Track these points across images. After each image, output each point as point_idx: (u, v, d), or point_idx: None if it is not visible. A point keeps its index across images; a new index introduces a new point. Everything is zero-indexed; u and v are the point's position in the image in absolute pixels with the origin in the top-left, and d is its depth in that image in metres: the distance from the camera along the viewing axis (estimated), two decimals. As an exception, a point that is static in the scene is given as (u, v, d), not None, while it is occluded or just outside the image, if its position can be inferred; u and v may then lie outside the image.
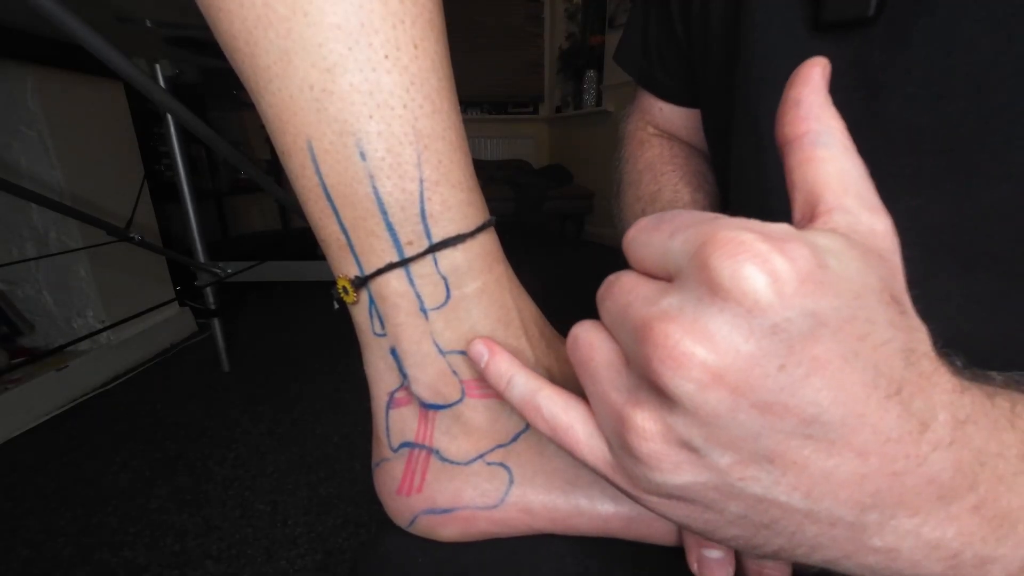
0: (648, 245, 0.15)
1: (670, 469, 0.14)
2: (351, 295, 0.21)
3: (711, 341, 0.12)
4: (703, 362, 0.12)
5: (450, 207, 0.20)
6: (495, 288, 0.22)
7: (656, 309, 0.13)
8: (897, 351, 0.13)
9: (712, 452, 0.13)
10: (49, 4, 0.58)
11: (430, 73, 0.19)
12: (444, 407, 0.23)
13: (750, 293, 0.12)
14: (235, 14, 0.18)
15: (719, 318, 0.12)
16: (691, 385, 0.12)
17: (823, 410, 0.12)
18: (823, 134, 0.15)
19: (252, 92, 0.20)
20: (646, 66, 0.42)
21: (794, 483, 0.13)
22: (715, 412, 0.13)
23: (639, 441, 0.14)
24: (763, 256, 0.12)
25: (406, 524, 0.24)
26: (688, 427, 0.13)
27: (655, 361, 0.13)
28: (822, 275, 0.12)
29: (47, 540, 0.86)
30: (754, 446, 0.13)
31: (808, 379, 0.12)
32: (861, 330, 0.12)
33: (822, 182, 0.15)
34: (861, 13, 0.23)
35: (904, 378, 0.13)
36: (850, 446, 0.13)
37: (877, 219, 0.14)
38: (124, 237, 1.09)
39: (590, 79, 3.17)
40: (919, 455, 0.13)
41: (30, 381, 1.20)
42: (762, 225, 0.13)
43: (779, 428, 0.13)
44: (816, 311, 0.12)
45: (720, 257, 0.12)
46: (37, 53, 1.19)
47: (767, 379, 0.12)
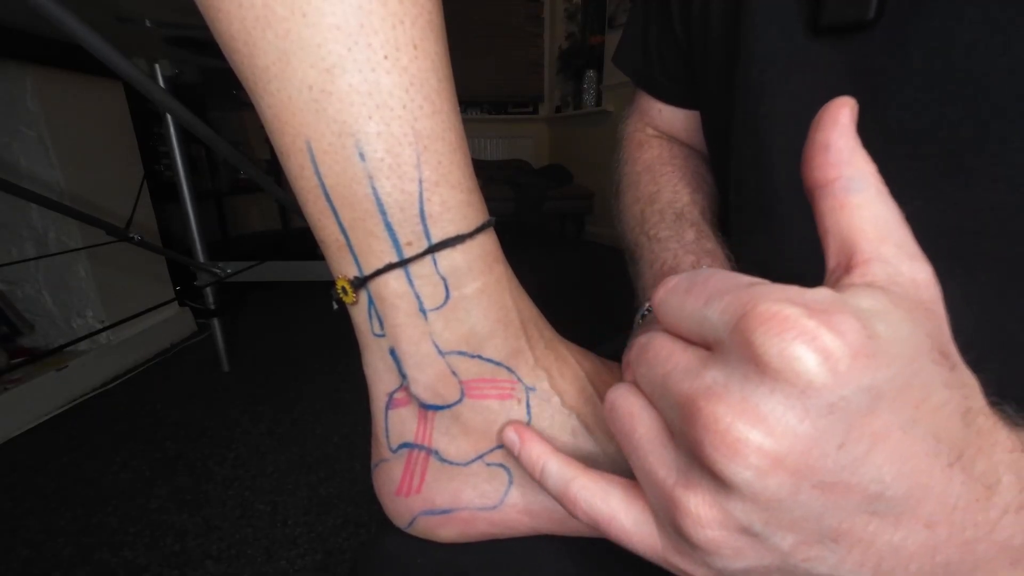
0: (681, 310, 0.15)
1: (731, 555, 0.14)
2: (350, 296, 0.21)
3: (765, 424, 0.12)
4: (759, 447, 0.12)
5: (449, 208, 0.20)
6: (495, 289, 0.22)
7: (700, 385, 0.13)
8: (955, 412, 0.12)
9: (774, 536, 0.13)
10: (49, 4, 0.58)
11: (429, 74, 0.19)
12: (443, 408, 0.23)
13: (803, 374, 0.11)
14: (234, 15, 0.18)
15: (771, 399, 0.12)
16: (749, 472, 0.12)
17: (887, 485, 0.12)
18: (856, 179, 0.15)
19: (251, 92, 0.20)
20: (645, 68, 0.42)
21: (861, 560, 0.13)
22: (776, 497, 0.12)
23: (695, 528, 0.14)
24: (811, 333, 0.11)
25: (405, 525, 0.24)
26: (747, 513, 0.13)
27: (707, 446, 0.12)
28: (873, 346, 0.11)
29: (47, 540, 0.86)
30: (817, 526, 0.13)
31: (869, 455, 0.12)
32: (918, 396, 0.12)
33: (857, 229, 0.14)
34: (860, 16, 0.23)
35: (965, 441, 0.12)
36: (917, 518, 0.12)
37: (918, 268, 0.14)
38: (124, 237, 1.09)
39: (590, 79, 3.16)
40: (989, 521, 0.12)
41: (30, 381, 1.20)
42: (801, 294, 0.12)
43: (842, 506, 0.12)
44: (872, 385, 0.11)
45: (765, 335, 0.12)
46: (37, 53, 1.19)
47: (827, 459, 0.12)
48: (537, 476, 0.20)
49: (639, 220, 0.39)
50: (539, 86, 3.83)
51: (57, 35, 1.09)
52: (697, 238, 0.34)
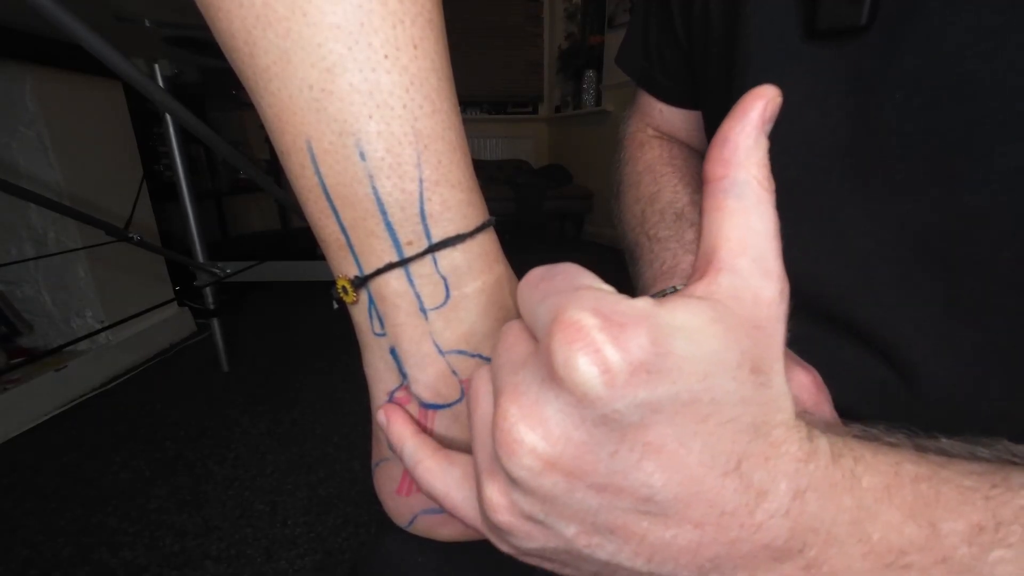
0: (525, 303, 0.15)
1: (523, 537, 0.15)
2: (351, 295, 0.21)
3: (544, 427, 0.13)
4: (533, 449, 0.13)
5: (450, 207, 0.20)
6: (495, 288, 0.22)
7: (511, 382, 0.14)
8: (744, 427, 0.13)
9: (556, 524, 0.14)
10: (48, 4, 0.58)
11: (430, 73, 0.19)
12: (444, 407, 0.23)
13: (580, 384, 0.12)
14: (234, 14, 0.18)
15: (554, 404, 0.13)
16: (524, 471, 0.13)
17: (656, 491, 0.13)
18: (739, 184, 0.15)
19: (251, 92, 0.20)
20: (647, 68, 0.42)
21: (636, 551, 0.14)
22: (551, 493, 0.13)
23: (490, 511, 0.15)
24: (595, 346, 0.12)
25: (405, 524, 0.24)
26: (530, 504, 0.14)
27: (497, 443, 0.14)
28: (658, 363, 0.12)
29: (46, 540, 0.86)
30: (594, 519, 0.14)
31: (640, 463, 0.13)
32: (703, 411, 0.13)
33: (723, 236, 0.15)
34: (854, 22, 0.24)
35: (747, 452, 0.13)
36: (687, 519, 0.13)
37: (767, 285, 0.14)
38: (123, 237, 1.09)
39: (589, 79, 3.17)
40: (754, 524, 0.13)
41: (29, 381, 1.20)
42: (614, 303, 0.13)
43: (616, 505, 0.13)
44: (648, 400, 0.12)
45: (559, 342, 0.12)
46: (36, 53, 1.19)
47: (600, 464, 0.13)
48: (399, 456, 0.21)
49: (639, 220, 0.39)
50: (539, 86, 3.83)
51: (57, 35, 1.09)
52: (697, 238, 0.34)
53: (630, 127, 0.46)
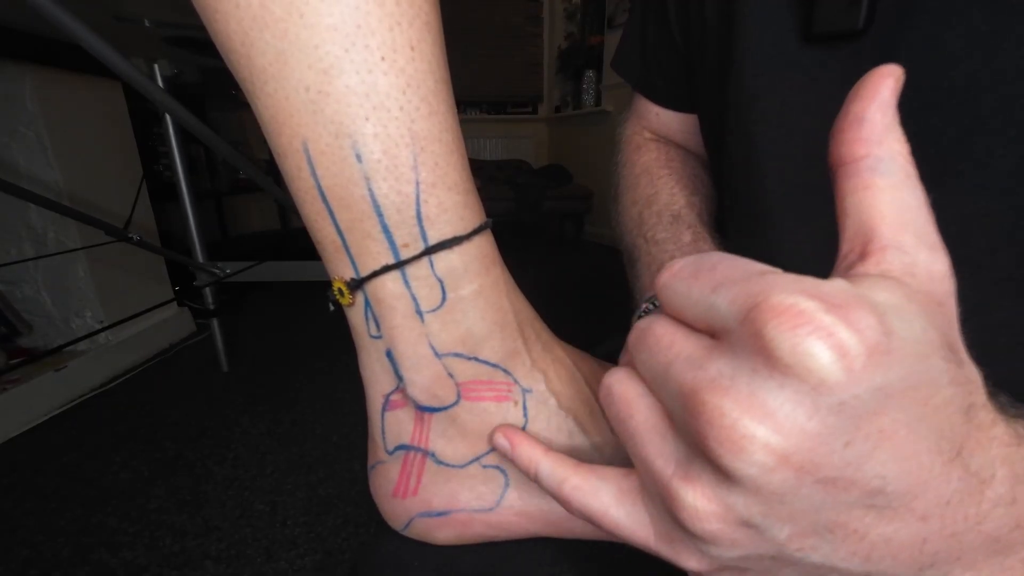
0: (687, 297, 0.14)
1: (727, 545, 0.14)
2: (347, 297, 0.21)
3: (773, 420, 0.12)
4: (766, 444, 0.12)
5: (446, 209, 0.20)
6: (492, 291, 0.22)
7: (705, 376, 0.13)
8: (958, 409, 0.12)
9: (772, 527, 0.13)
10: (47, 4, 0.58)
11: (427, 75, 0.19)
12: (440, 409, 0.22)
13: (816, 371, 0.11)
14: (231, 15, 0.18)
15: (780, 394, 0.12)
16: (755, 469, 0.12)
17: (888, 481, 0.12)
18: (884, 160, 0.14)
19: (248, 93, 0.20)
20: (644, 71, 0.42)
21: (853, 550, 0.13)
22: (779, 492, 0.12)
23: (694, 520, 0.14)
24: (828, 329, 0.11)
25: (402, 527, 0.24)
26: (748, 506, 0.13)
27: (711, 440, 0.12)
28: (889, 344, 0.11)
29: (46, 540, 0.86)
30: (815, 518, 0.13)
31: (874, 453, 0.12)
32: (925, 394, 0.12)
33: (878, 214, 0.14)
34: (851, 25, 0.24)
35: (965, 436, 0.13)
36: (912, 512, 0.12)
37: (936, 259, 0.14)
38: (123, 237, 1.09)
39: (589, 79, 3.16)
40: (979, 514, 0.13)
41: (29, 381, 1.20)
42: (817, 286, 0.12)
43: (842, 500, 0.12)
44: (884, 384, 0.11)
45: (778, 328, 0.11)
46: (35, 53, 1.19)
47: (833, 456, 0.12)
48: (532, 478, 0.20)
49: (637, 222, 0.39)
50: (538, 86, 3.82)
51: (56, 35, 1.09)
52: (694, 240, 0.34)
53: (627, 130, 0.46)
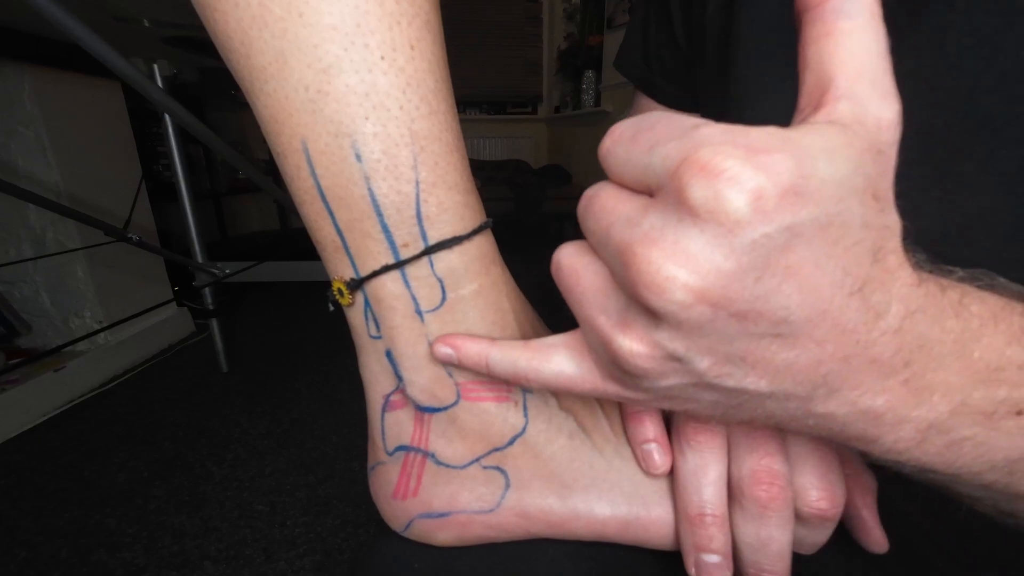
0: (627, 160, 0.15)
1: (657, 376, 0.16)
2: (346, 297, 0.21)
3: (693, 262, 0.13)
4: (685, 284, 0.13)
5: (446, 209, 0.20)
6: (491, 291, 0.22)
7: (639, 231, 0.14)
8: (867, 250, 0.13)
9: (694, 359, 0.15)
10: (47, 3, 0.58)
11: (427, 74, 0.19)
12: (439, 410, 0.22)
13: (731, 213, 0.12)
14: (230, 14, 0.18)
15: (700, 239, 0.13)
16: (675, 306, 0.13)
17: (791, 311, 0.13)
18: (849, 1, 0.14)
19: (247, 93, 0.20)
20: (646, 71, 0.42)
21: (760, 374, 0.15)
22: (697, 324, 0.14)
23: (629, 360, 0.15)
24: (743, 177, 0.12)
25: (402, 528, 0.24)
26: (672, 340, 0.14)
27: (640, 286, 0.14)
28: (804, 185, 0.12)
29: (45, 541, 0.86)
30: (728, 348, 0.14)
31: (781, 287, 0.13)
32: (835, 235, 0.13)
33: (837, 63, 0.14)
34: None
35: (868, 275, 0.14)
36: (811, 338, 0.14)
37: (886, 107, 0.14)
38: (122, 237, 1.09)
39: (589, 79, 3.16)
40: (868, 340, 0.14)
41: (28, 382, 1.20)
42: (745, 133, 0.13)
43: (751, 331, 0.14)
44: (794, 224, 0.12)
45: (698, 180, 0.12)
46: (34, 53, 1.18)
47: (745, 291, 0.13)
48: (485, 370, 0.20)
49: None
50: (538, 86, 3.82)
51: (55, 35, 1.09)
52: None
53: None
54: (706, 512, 0.20)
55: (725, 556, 0.20)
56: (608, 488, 0.22)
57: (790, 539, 0.20)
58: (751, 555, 0.20)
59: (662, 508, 0.22)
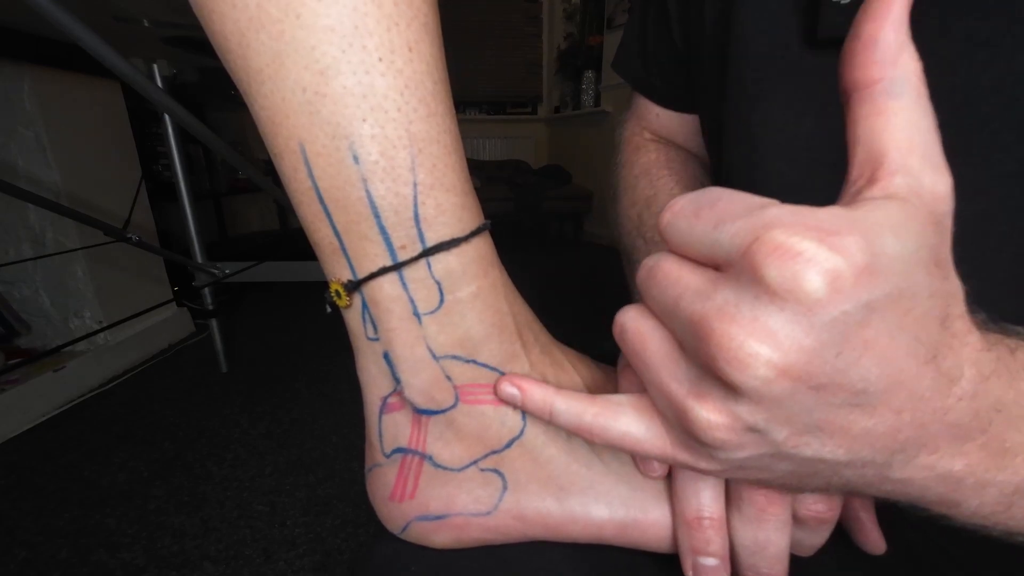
0: (690, 234, 0.16)
1: (734, 448, 0.16)
2: (344, 299, 0.21)
3: (774, 339, 0.13)
4: (768, 360, 0.13)
5: (444, 211, 0.20)
6: (490, 293, 0.22)
7: (712, 306, 0.14)
8: (936, 319, 0.14)
9: (772, 431, 0.15)
10: (46, 3, 0.58)
11: (425, 76, 0.19)
12: (437, 412, 0.22)
13: (811, 293, 0.12)
14: (227, 15, 0.18)
15: (779, 316, 0.13)
16: (758, 381, 0.14)
17: (870, 383, 0.14)
18: (898, 82, 0.15)
19: (244, 94, 0.20)
20: (644, 72, 0.42)
21: (838, 443, 0.15)
22: (778, 399, 0.14)
23: (706, 431, 0.15)
24: (819, 258, 0.12)
25: (399, 530, 0.24)
26: (752, 414, 0.15)
27: (720, 361, 0.14)
28: (876, 263, 0.13)
29: (44, 541, 0.86)
30: (808, 419, 0.14)
31: (860, 360, 0.13)
32: (906, 306, 0.13)
33: (888, 139, 0.15)
34: None
35: (939, 341, 0.14)
36: (889, 407, 0.14)
37: (940, 179, 0.15)
38: (121, 237, 1.09)
39: (588, 79, 3.16)
40: (945, 407, 0.14)
41: (27, 382, 1.20)
42: (813, 214, 0.13)
43: (831, 402, 0.14)
44: (870, 300, 0.13)
45: (774, 262, 0.13)
46: (34, 53, 1.18)
47: (826, 365, 0.13)
48: (547, 418, 0.21)
49: (636, 223, 0.39)
50: (538, 86, 3.82)
51: (55, 35, 1.09)
52: None
53: (626, 130, 0.46)
54: (704, 515, 0.20)
55: (723, 559, 0.20)
56: (605, 491, 0.22)
57: (788, 542, 0.20)
58: (749, 558, 0.20)
59: (659, 511, 0.22)
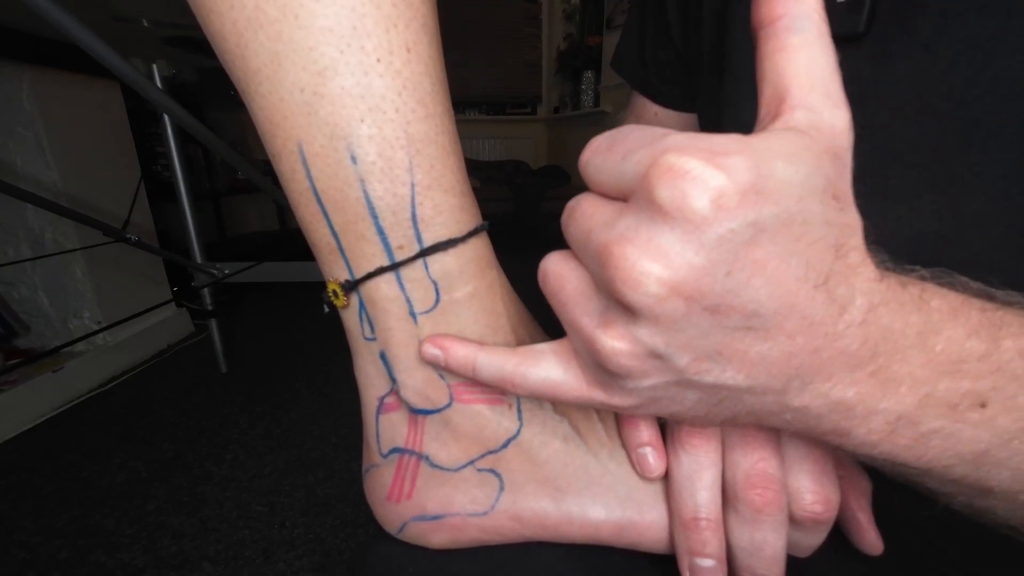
0: (603, 169, 0.16)
1: (639, 375, 0.16)
2: (341, 299, 0.21)
3: (665, 257, 0.14)
4: (659, 277, 0.14)
5: (442, 212, 0.20)
6: (486, 294, 0.22)
7: (615, 232, 0.15)
8: (829, 246, 0.14)
9: (673, 356, 0.15)
10: (45, 3, 0.58)
11: (423, 77, 0.19)
12: (432, 412, 0.22)
13: (697, 210, 0.13)
14: (225, 16, 0.18)
15: (670, 235, 0.14)
16: (650, 298, 0.14)
17: (761, 304, 0.14)
18: (800, 18, 0.15)
19: (243, 94, 0.20)
20: (642, 71, 0.42)
21: (738, 368, 0.15)
22: (672, 318, 0.14)
23: (611, 358, 0.16)
24: (705, 176, 0.13)
25: (396, 531, 0.24)
26: (651, 335, 0.15)
27: (617, 282, 0.14)
28: (763, 184, 0.13)
29: (44, 542, 0.86)
30: (705, 343, 0.15)
31: (750, 280, 0.14)
32: (798, 231, 0.14)
33: (791, 75, 0.15)
34: (853, 29, 0.24)
35: (832, 270, 0.14)
36: (782, 330, 0.14)
37: (839, 114, 0.15)
38: (121, 238, 1.09)
39: (588, 80, 3.16)
40: (836, 333, 0.15)
41: (26, 382, 1.19)
42: (707, 139, 0.14)
43: (725, 325, 0.14)
44: (757, 220, 0.13)
45: (664, 183, 0.13)
46: (33, 53, 1.18)
47: (716, 284, 0.14)
48: (471, 374, 0.21)
49: None
50: (537, 87, 3.82)
51: (54, 35, 1.09)
52: None
53: None
54: (700, 516, 0.20)
55: (719, 560, 0.20)
56: (602, 491, 0.22)
57: (784, 542, 0.20)
58: (745, 559, 0.20)
59: (656, 512, 0.22)
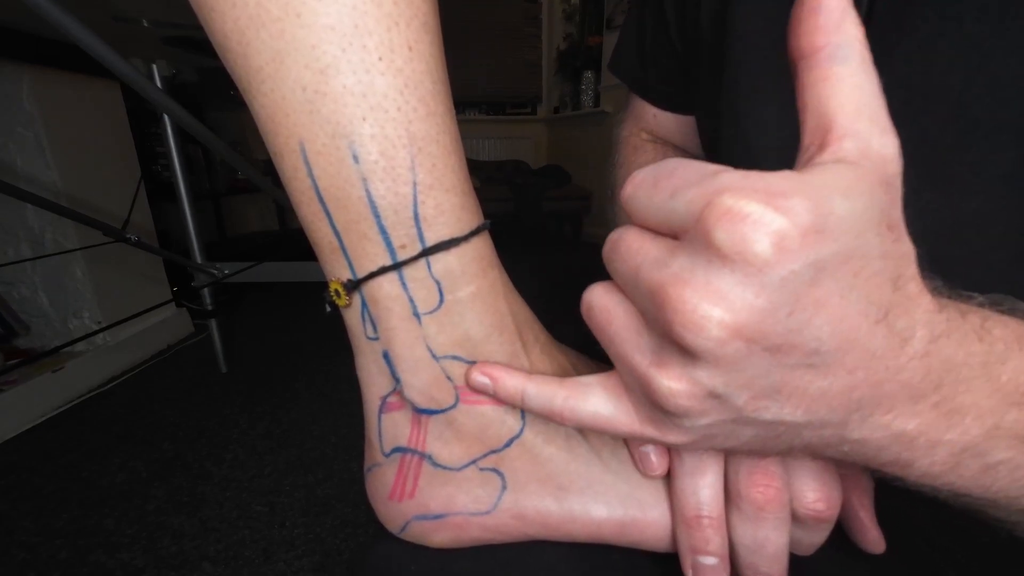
0: (649, 204, 0.16)
1: (697, 415, 0.16)
2: (343, 298, 0.21)
3: (726, 301, 0.13)
4: (720, 321, 0.14)
5: (444, 211, 0.20)
6: (489, 293, 0.22)
7: (668, 273, 0.15)
8: (887, 279, 0.14)
9: (732, 395, 0.15)
10: (45, 3, 0.58)
11: (424, 76, 0.19)
12: (437, 412, 0.22)
13: (758, 254, 0.13)
14: (227, 14, 0.18)
15: (730, 279, 0.13)
16: (712, 342, 0.14)
17: (823, 342, 0.14)
18: (842, 47, 0.15)
19: (244, 93, 0.20)
20: (641, 74, 0.42)
21: (796, 404, 0.15)
22: (733, 360, 0.14)
23: (669, 399, 0.16)
24: (765, 220, 0.13)
25: (398, 530, 0.24)
26: (711, 377, 0.15)
27: (676, 325, 0.14)
28: (823, 223, 0.13)
29: (43, 542, 0.86)
30: (765, 382, 0.15)
31: (812, 320, 0.14)
32: (856, 266, 0.14)
33: (836, 104, 0.15)
34: None
35: (891, 302, 0.14)
36: (843, 366, 0.14)
37: (887, 141, 0.15)
38: (120, 238, 1.09)
39: (588, 80, 3.16)
40: (898, 366, 0.15)
41: (26, 382, 1.19)
42: (762, 179, 0.14)
43: (785, 363, 0.14)
44: (818, 259, 0.13)
45: (724, 224, 0.13)
46: (33, 53, 1.18)
47: (777, 325, 0.14)
48: (520, 404, 0.21)
49: None
50: (537, 87, 3.82)
51: (54, 35, 1.09)
52: None
53: (624, 131, 0.46)
54: (703, 514, 0.20)
55: (722, 558, 0.20)
56: (604, 490, 0.22)
57: (787, 540, 0.20)
58: (748, 557, 0.20)
59: (658, 510, 0.22)
